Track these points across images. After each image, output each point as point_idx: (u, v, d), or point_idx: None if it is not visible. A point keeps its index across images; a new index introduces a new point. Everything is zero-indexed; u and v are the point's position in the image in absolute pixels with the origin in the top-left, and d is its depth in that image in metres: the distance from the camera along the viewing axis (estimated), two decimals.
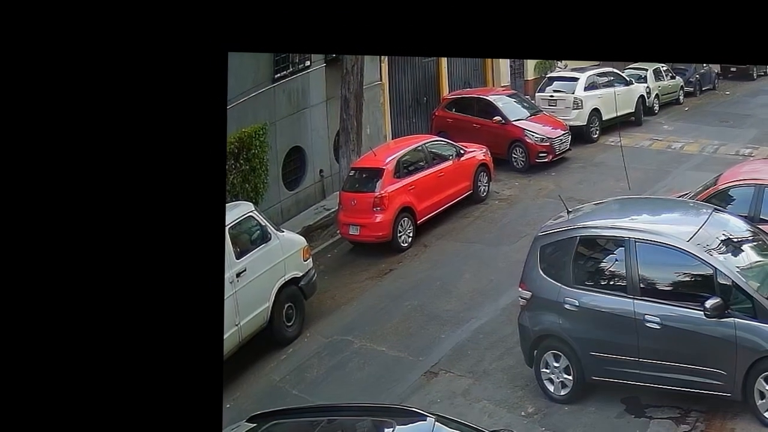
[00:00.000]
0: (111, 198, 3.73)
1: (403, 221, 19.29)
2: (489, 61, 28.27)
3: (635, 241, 13.39)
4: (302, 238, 17.61)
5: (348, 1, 3.59)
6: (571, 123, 24.69)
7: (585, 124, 25.22)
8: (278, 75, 21.71)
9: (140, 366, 3.78)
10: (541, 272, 13.97)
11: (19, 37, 3.62)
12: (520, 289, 14.41)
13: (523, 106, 24.82)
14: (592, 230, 14.14)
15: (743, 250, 13.56)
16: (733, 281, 12.61)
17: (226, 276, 14.51)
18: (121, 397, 3.79)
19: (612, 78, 26.47)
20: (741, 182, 16.35)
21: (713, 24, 3.47)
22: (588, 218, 14.66)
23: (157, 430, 3.81)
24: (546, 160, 23.18)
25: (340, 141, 21.75)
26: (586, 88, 25.73)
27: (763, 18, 3.42)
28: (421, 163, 20.56)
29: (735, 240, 13.65)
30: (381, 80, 24.71)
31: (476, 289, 16.94)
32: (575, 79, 25.99)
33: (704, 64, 30.00)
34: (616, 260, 13.68)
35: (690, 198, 16.51)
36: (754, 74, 31.99)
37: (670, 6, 3.46)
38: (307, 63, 22.36)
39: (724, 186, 16.43)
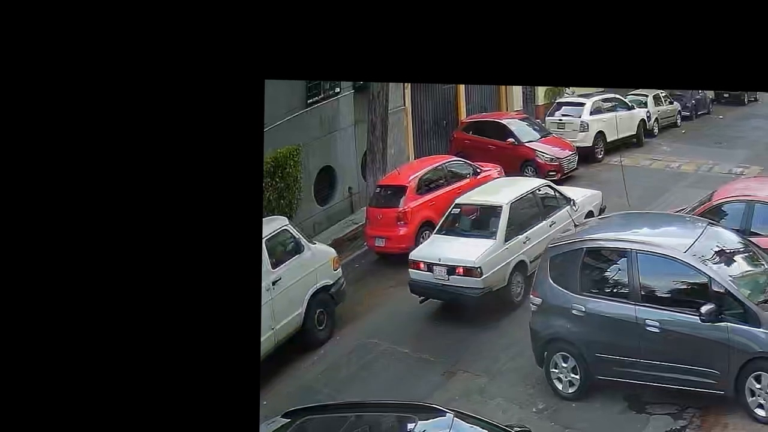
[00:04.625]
0: (165, 212, 3.75)
1: (425, 234, 19.25)
2: (503, 88, 28.26)
3: (637, 252, 13.37)
4: (332, 250, 17.60)
5: (377, 34, 3.60)
6: (578, 144, 24.63)
7: (591, 145, 25.14)
8: (310, 100, 21.77)
9: (185, 366, 3.79)
10: (551, 280, 13.95)
11: (60, 60, 3.64)
12: (531, 296, 14.41)
13: (534, 129, 24.80)
14: (598, 242, 14.14)
15: (735, 261, 13.54)
16: (726, 289, 12.56)
17: (262, 284, 14.54)
18: (168, 393, 3.80)
19: (615, 103, 26.40)
20: (733, 198, 16.33)
21: (709, 54, 3.47)
22: (594, 231, 14.66)
23: (201, 425, 3.82)
24: (555, 178, 23.09)
25: (367, 161, 21.79)
26: (591, 113, 25.66)
27: (755, 48, 3.42)
28: (441, 181, 20.55)
29: (728, 251, 13.61)
30: (404, 105, 24.73)
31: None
32: (582, 105, 25.94)
33: (700, 91, 29.87)
34: (620, 270, 13.69)
35: (687, 213, 16.47)
36: (746, 100, 31.85)
37: (669, 38, 3.47)
38: (337, 89, 22.39)
39: (718, 202, 16.39)
